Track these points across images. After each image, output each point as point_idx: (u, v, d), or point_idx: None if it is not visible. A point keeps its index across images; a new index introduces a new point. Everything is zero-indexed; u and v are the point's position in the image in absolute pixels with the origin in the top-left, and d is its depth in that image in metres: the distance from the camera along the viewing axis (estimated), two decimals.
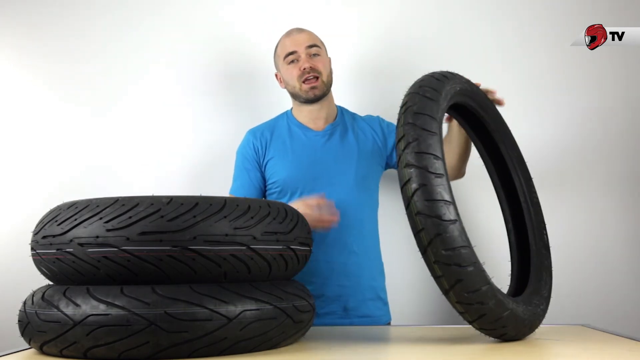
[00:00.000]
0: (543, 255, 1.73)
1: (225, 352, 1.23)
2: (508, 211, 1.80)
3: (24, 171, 2.36)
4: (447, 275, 1.30)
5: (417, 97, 1.39)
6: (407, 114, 1.36)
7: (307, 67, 1.98)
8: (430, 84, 1.44)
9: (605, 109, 2.39)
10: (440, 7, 2.42)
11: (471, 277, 1.30)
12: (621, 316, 2.30)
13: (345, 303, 1.96)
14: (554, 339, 1.52)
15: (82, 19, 2.41)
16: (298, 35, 2.04)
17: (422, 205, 1.28)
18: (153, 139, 2.38)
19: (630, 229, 2.35)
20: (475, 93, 1.69)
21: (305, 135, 2.05)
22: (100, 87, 2.39)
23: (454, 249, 1.28)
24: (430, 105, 1.38)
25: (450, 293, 1.32)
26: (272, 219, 1.32)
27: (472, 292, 1.31)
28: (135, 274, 1.21)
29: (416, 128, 1.33)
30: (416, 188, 1.29)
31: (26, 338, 1.32)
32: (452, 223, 1.28)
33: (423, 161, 1.29)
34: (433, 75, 1.49)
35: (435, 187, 1.29)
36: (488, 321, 1.37)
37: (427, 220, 1.28)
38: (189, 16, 2.42)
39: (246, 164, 2.05)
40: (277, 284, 1.36)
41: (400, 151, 1.33)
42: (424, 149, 1.30)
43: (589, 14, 2.36)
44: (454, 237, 1.28)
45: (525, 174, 1.81)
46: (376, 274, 2.05)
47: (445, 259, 1.28)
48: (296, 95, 2.04)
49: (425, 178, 1.29)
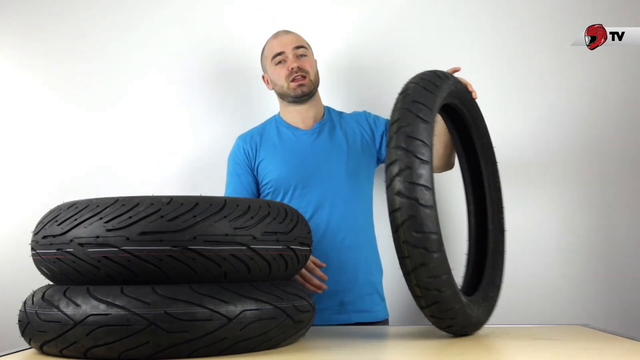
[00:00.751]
0: (499, 240, 1.81)
1: (225, 352, 1.23)
2: (471, 195, 1.87)
3: (24, 171, 2.36)
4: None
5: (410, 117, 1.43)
6: (399, 136, 1.40)
7: (294, 66, 2.02)
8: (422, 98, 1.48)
9: (605, 109, 2.39)
10: (440, 7, 2.42)
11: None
12: (621, 316, 2.30)
13: (341, 298, 1.96)
14: (554, 339, 1.52)
15: (81, 19, 2.41)
16: (285, 37, 2.07)
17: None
18: (153, 139, 2.38)
19: (633, 229, 2.35)
20: (459, 91, 1.73)
21: (294, 134, 2.07)
22: (100, 87, 2.40)
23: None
24: (423, 128, 1.42)
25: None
26: (272, 219, 1.32)
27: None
28: (136, 274, 1.21)
29: (409, 155, 1.37)
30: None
31: (26, 338, 1.32)
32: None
33: (414, 192, 1.34)
34: (425, 86, 1.53)
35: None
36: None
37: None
38: (189, 16, 2.42)
39: (237, 169, 2.07)
40: (277, 284, 1.36)
41: (391, 176, 1.37)
42: (416, 179, 1.35)
43: (589, 14, 2.36)
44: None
45: (491, 159, 1.87)
46: (373, 269, 2.05)
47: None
48: (284, 95, 2.07)
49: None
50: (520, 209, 2.32)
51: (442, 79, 1.58)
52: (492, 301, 1.69)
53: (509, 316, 2.14)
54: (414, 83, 1.50)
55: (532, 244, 2.33)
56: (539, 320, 2.22)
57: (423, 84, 1.51)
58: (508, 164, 2.26)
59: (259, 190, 2.07)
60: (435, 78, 1.56)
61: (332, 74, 2.33)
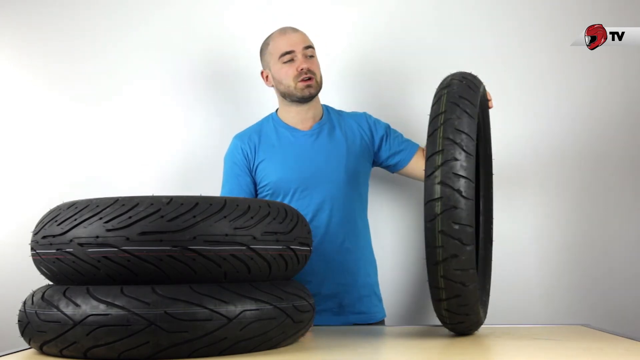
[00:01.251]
0: (488, 249, 1.82)
1: (225, 352, 1.23)
2: None
3: (24, 171, 2.36)
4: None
5: (458, 111, 1.44)
6: (447, 127, 1.41)
7: (305, 67, 1.98)
8: (467, 94, 1.49)
9: (605, 109, 2.39)
10: (439, 7, 2.42)
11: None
12: (621, 316, 2.30)
13: (340, 300, 1.97)
14: (553, 339, 1.52)
15: (81, 19, 2.41)
16: (294, 35, 2.02)
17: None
18: (153, 139, 2.38)
19: (633, 229, 2.35)
20: (483, 96, 1.73)
21: (293, 136, 2.04)
22: (100, 87, 2.39)
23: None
24: (470, 123, 1.43)
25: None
26: (272, 219, 1.32)
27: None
28: (135, 274, 1.21)
29: (456, 147, 1.38)
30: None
31: (26, 338, 1.32)
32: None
33: (458, 184, 1.35)
34: (468, 85, 1.53)
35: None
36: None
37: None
38: (188, 17, 2.42)
39: (235, 169, 2.04)
40: (277, 284, 1.36)
41: (435, 165, 1.37)
42: (461, 171, 1.36)
43: (589, 14, 2.36)
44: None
45: (487, 169, 1.88)
46: (370, 271, 2.05)
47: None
48: (288, 95, 2.02)
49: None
50: (520, 209, 2.33)
51: (479, 82, 1.59)
52: (485, 305, 1.71)
53: (508, 316, 2.15)
54: (458, 80, 1.51)
55: (532, 244, 2.33)
56: (539, 320, 2.22)
57: (466, 82, 1.52)
58: (507, 164, 2.27)
59: (256, 190, 2.05)
60: (475, 79, 1.58)
61: (331, 74, 2.33)
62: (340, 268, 1.96)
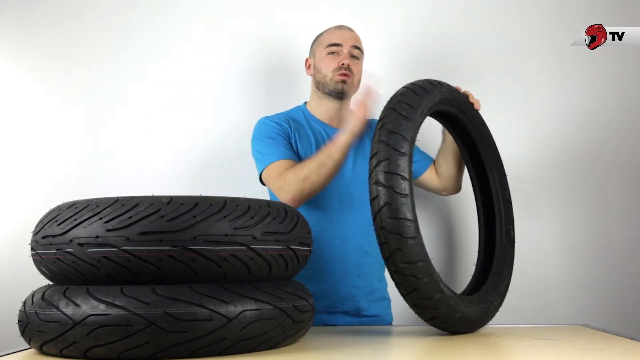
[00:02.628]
0: (507, 250, 1.84)
1: (225, 352, 1.23)
2: (481, 207, 1.91)
3: (24, 171, 2.36)
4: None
5: (393, 115, 1.51)
6: (382, 131, 1.47)
7: (346, 63, 1.98)
8: (408, 99, 1.55)
9: (605, 109, 2.39)
10: (439, 8, 2.42)
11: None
12: (621, 316, 2.30)
13: (357, 303, 1.96)
14: (554, 339, 1.52)
15: (81, 20, 2.41)
16: (347, 32, 2.04)
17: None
18: (153, 139, 2.38)
19: (633, 229, 2.35)
20: (455, 100, 1.77)
21: (326, 132, 2.02)
22: (100, 88, 2.39)
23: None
24: (405, 124, 1.49)
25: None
26: (272, 219, 1.32)
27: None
28: (135, 274, 1.21)
29: (389, 147, 1.45)
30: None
31: (26, 338, 1.31)
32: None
33: (391, 181, 1.41)
34: (413, 90, 1.58)
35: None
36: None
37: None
38: (187, 17, 2.42)
39: (279, 140, 1.91)
40: (277, 284, 1.36)
41: (372, 167, 1.45)
42: (393, 169, 1.42)
43: (588, 14, 2.36)
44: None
45: (500, 172, 1.91)
46: (381, 275, 2.06)
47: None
48: (323, 85, 2.01)
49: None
50: (520, 208, 2.32)
51: (434, 86, 1.63)
52: (491, 304, 1.70)
53: (509, 316, 2.14)
54: (405, 87, 1.58)
55: (532, 245, 2.33)
56: (539, 320, 2.22)
57: (413, 88, 1.58)
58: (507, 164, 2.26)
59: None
60: (427, 84, 1.62)
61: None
62: (356, 271, 1.96)
